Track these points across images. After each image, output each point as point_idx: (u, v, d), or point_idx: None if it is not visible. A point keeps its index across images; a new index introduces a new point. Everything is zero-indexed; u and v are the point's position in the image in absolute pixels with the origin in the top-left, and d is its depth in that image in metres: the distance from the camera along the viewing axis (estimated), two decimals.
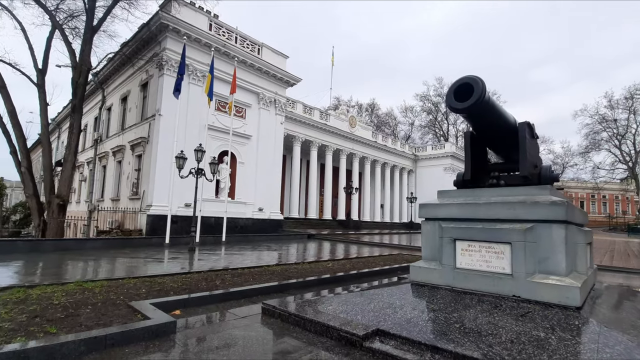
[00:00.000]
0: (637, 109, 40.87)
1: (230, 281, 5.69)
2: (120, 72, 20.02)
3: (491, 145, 4.78)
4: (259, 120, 19.43)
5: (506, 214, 3.78)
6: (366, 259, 9.59)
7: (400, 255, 10.94)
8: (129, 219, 16.31)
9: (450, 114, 51.53)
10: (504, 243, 3.72)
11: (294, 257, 10.47)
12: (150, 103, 16.55)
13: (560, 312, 3.22)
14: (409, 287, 4.30)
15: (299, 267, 7.54)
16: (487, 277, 3.78)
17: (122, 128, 19.44)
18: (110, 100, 21.60)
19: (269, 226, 19.04)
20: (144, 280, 5.49)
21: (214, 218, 16.41)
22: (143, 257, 9.37)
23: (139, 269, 7.38)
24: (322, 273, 6.87)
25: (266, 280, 5.92)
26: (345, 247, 14.14)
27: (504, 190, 4.08)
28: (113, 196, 19.14)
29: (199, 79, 16.67)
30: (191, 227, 11.43)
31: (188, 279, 5.70)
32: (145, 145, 16.24)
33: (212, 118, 17.04)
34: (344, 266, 8.03)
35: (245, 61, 18.48)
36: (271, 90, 20.06)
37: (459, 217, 4.12)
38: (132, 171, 17.41)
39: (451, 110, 3.88)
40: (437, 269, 4.19)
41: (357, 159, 31.37)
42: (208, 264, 8.39)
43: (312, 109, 27.45)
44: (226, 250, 11.84)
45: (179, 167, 11.13)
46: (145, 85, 17.47)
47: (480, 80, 3.62)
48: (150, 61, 16.66)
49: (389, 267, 7.89)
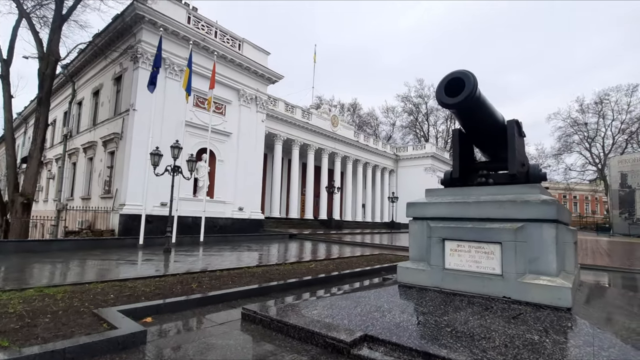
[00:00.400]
0: (606, 114, 42.95)
1: (207, 284, 5.37)
2: (92, 64, 19.05)
3: (479, 143, 4.71)
4: (240, 118, 18.96)
5: (496, 213, 3.68)
6: (349, 260, 9.44)
7: (383, 255, 10.86)
8: (101, 218, 15.52)
9: (430, 115, 52.51)
10: (494, 243, 3.62)
11: (275, 257, 10.19)
12: (124, 97, 15.81)
13: (552, 314, 3.14)
14: (396, 289, 4.15)
15: (281, 269, 7.29)
16: (477, 278, 3.67)
17: (93, 123, 18.51)
18: (81, 94, 20.54)
19: (250, 226, 18.62)
20: (113, 285, 5.10)
21: (192, 218, 15.86)
22: (114, 259, 8.84)
23: (108, 272, 6.92)
24: (304, 274, 6.64)
25: (246, 282, 5.64)
26: (328, 247, 13.96)
27: (493, 189, 3.98)
28: (84, 195, 18.20)
29: (176, 74, 16.06)
30: (167, 227, 10.94)
31: (162, 283, 5.34)
32: (119, 142, 15.50)
33: (190, 114, 16.47)
34: (327, 267, 7.83)
35: (226, 56, 17.98)
36: (252, 87, 19.63)
37: (448, 216, 4.00)
38: (104, 168, 16.59)
39: (441, 105, 3.75)
40: (426, 270, 4.05)
41: (339, 159, 31.31)
42: (184, 265, 8.00)
43: (294, 108, 27.15)
44: (204, 251, 11.40)
45: (154, 164, 10.62)
46: (118, 78, 16.67)
47: (471, 75, 3.50)
48: (125, 54, 15.91)
49: (373, 267, 7.75)
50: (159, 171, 10.78)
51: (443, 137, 51.73)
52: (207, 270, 6.61)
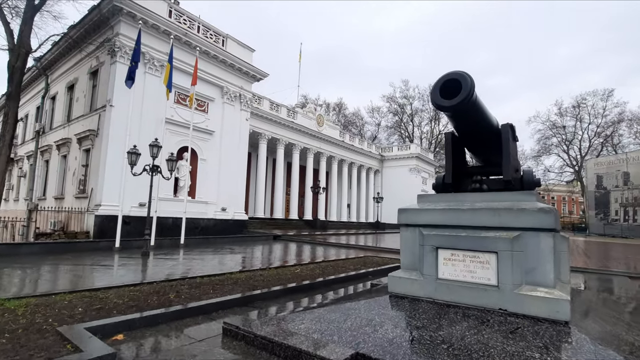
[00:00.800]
0: (583, 117, 44.41)
1: (186, 294, 5.04)
2: (66, 57, 18.14)
3: (471, 147, 4.57)
4: (223, 116, 18.48)
5: (491, 221, 3.54)
6: (335, 263, 9.23)
7: (369, 258, 10.71)
8: (75, 219, 14.79)
9: (415, 116, 53.00)
10: (489, 252, 3.47)
11: (259, 261, 9.88)
12: (100, 93, 15.10)
13: (550, 328, 3.00)
14: (387, 300, 3.96)
15: (265, 274, 7.01)
16: (472, 288, 3.51)
17: (68, 119, 17.64)
18: (54, 88, 19.57)
19: (233, 227, 18.18)
20: (83, 296, 4.71)
21: (172, 219, 15.32)
22: (88, 264, 8.35)
23: (79, 280, 6.47)
24: (290, 281, 6.39)
25: (228, 291, 5.34)
26: (313, 250, 13.73)
27: (488, 196, 3.84)
28: (57, 194, 17.33)
29: (156, 69, 15.46)
30: (145, 229, 10.46)
31: (137, 293, 4.98)
32: (94, 139, 14.79)
33: (171, 111, 15.92)
34: (313, 272, 7.59)
35: (209, 52, 17.46)
36: (236, 84, 19.17)
37: (442, 223, 3.83)
38: (78, 167, 15.82)
39: (436, 107, 3.56)
40: (418, 280, 3.87)
41: (325, 158, 31.11)
42: (163, 271, 7.60)
43: (279, 106, 26.76)
44: (185, 254, 10.97)
45: (131, 163, 10.11)
46: (95, 73, 15.92)
47: (468, 77, 3.33)
48: (102, 47, 15.20)
49: (358, 272, 7.56)
50: (136, 171, 10.28)
51: (427, 138, 52.41)
52: (186, 278, 6.26)
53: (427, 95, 51.75)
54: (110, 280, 6.31)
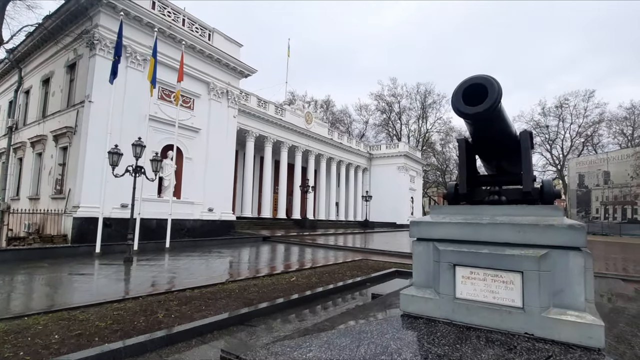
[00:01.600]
0: (566, 117, 45.51)
1: (177, 312, 4.62)
2: (41, 50, 17.09)
3: (483, 154, 4.31)
4: (209, 113, 17.84)
5: (515, 237, 3.27)
6: (331, 269, 8.92)
7: (364, 262, 10.46)
8: (51, 222, 13.96)
9: (403, 114, 53.16)
10: (513, 272, 3.21)
11: (252, 267, 9.48)
12: (78, 87, 14.25)
13: (584, 356, 2.76)
14: (400, 320, 3.66)
15: (260, 284, 6.62)
16: (494, 310, 3.25)
17: (43, 115, 16.65)
18: (29, 82, 18.46)
19: (220, 228, 17.63)
20: (60, 318, 4.23)
21: (156, 220, 14.69)
22: (65, 273, 7.76)
23: (56, 295, 5.93)
24: (287, 292, 6.04)
25: (222, 307, 4.95)
26: (304, 253, 13.39)
27: (508, 209, 3.57)
28: (31, 194, 16.38)
29: (138, 63, 14.71)
30: (128, 232, 9.88)
31: (121, 312, 4.53)
32: (72, 136, 13.96)
33: (155, 108, 15.21)
34: (309, 280, 7.26)
35: (194, 46, 16.77)
36: (223, 80, 18.53)
37: (459, 238, 3.55)
38: (55, 166, 14.94)
39: (458, 114, 3.25)
40: (433, 299, 3.58)
41: (313, 156, 30.74)
42: (148, 281, 7.12)
43: (267, 103, 26.20)
44: (171, 259, 10.45)
45: (112, 164, 9.49)
46: (72, 66, 15.03)
47: (495, 82, 3.03)
48: (79, 39, 14.34)
49: (357, 280, 7.26)
50: (118, 172, 9.67)
51: (415, 136, 52.71)
52: (174, 291, 5.81)
53: (415, 94, 52.09)
54: (90, 294, 5.80)
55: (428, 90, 51.40)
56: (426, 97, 51.15)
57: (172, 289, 6.02)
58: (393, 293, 5.83)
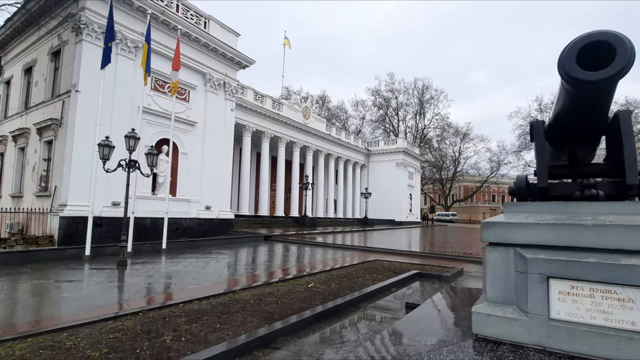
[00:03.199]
0: None
1: (187, 332, 3.81)
2: (23, 35, 15.89)
3: (559, 139, 3.58)
4: (206, 105, 16.89)
5: (634, 243, 2.56)
6: (347, 271, 8.17)
7: (379, 263, 9.74)
8: (36, 221, 12.93)
9: (400, 110, 52.55)
10: (633, 287, 2.50)
11: (259, 270, 8.67)
12: (64, 76, 13.18)
13: None
14: (476, 347, 2.92)
15: (275, 292, 5.84)
16: (607, 336, 2.53)
17: (25, 107, 15.51)
18: (9, 71, 17.23)
19: (218, 227, 16.75)
20: (42, 344, 3.39)
21: (151, 219, 13.79)
22: (51, 281, 6.86)
23: (39, 309, 5.06)
24: (309, 301, 5.27)
25: (240, 323, 4.16)
26: (311, 253, 12.61)
27: (614, 206, 2.85)
28: (14, 192, 15.26)
29: (129, 51, 13.69)
30: (121, 232, 8.98)
31: (118, 334, 3.70)
32: (58, 129, 12.91)
33: (148, 99, 14.23)
34: (328, 285, 6.50)
35: (189, 34, 15.78)
36: (220, 71, 17.57)
37: (553, 244, 2.81)
38: (39, 161, 13.86)
39: (570, 81, 2.48)
40: (519, 320, 2.85)
41: (311, 152, 29.91)
42: (146, 289, 6.28)
43: (264, 97, 25.25)
44: (169, 261, 9.58)
45: (103, 158, 8.56)
46: (57, 53, 13.92)
47: (627, 39, 2.30)
48: (65, 23, 13.23)
49: (380, 284, 6.53)
50: (110, 166, 8.74)
51: (412, 132, 52.17)
52: (180, 302, 4.98)
53: (412, 89, 51.47)
54: (80, 307, 4.94)
55: (426, 86, 50.91)
56: (424, 92, 50.66)
57: (176, 299, 5.20)
58: (432, 303, 5.11)
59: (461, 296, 5.76)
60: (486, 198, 70.94)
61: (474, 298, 5.54)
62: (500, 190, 72.92)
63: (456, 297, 5.64)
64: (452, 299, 5.61)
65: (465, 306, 4.67)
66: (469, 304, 4.91)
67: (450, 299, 5.59)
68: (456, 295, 5.87)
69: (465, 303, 5.17)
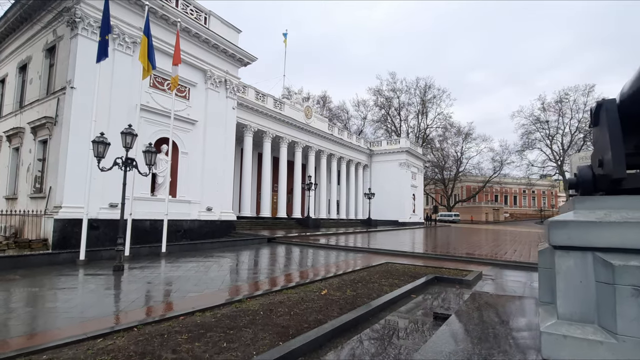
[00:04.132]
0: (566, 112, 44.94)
1: (189, 353, 3.25)
2: (17, 32, 15.37)
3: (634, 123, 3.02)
4: (207, 103, 16.34)
5: None
6: (359, 276, 7.60)
7: (391, 266, 9.17)
8: (31, 224, 12.36)
9: (402, 110, 52.03)
10: None
11: (266, 275, 8.09)
12: (59, 73, 12.64)
13: None
14: None
15: (286, 300, 5.27)
16: None
17: (20, 105, 14.97)
18: (4, 69, 16.72)
19: (220, 229, 16.18)
20: None
21: (150, 221, 13.23)
22: (40, 288, 6.29)
23: (23, 321, 4.48)
24: (324, 311, 4.71)
25: (250, 340, 3.60)
26: (318, 256, 12.04)
27: None
28: (8, 194, 14.70)
29: (127, 46, 13.15)
30: (118, 235, 8.42)
31: (107, 356, 3.13)
32: (52, 128, 12.36)
33: (147, 97, 13.71)
34: (342, 292, 5.93)
35: (189, 30, 15.25)
36: (221, 68, 17.03)
37: None
38: (34, 161, 13.30)
39: None
40: (605, 342, 2.27)
41: (313, 153, 29.36)
42: (143, 297, 5.71)
43: (265, 96, 24.73)
44: (168, 266, 9.01)
45: (98, 156, 8.00)
46: (52, 49, 13.40)
47: None
48: (60, 18, 12.71)
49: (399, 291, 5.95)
50: (105, 165, 8.18)
51: (414, 132, 51.61)
52: (180, 315, 4.41)
53: (414, 89, 51.01)
54: (67, 319, 4.38)
55: (428, 85, 50.41)
56: (426, 91, 50.16)
57: (176, 311, 4.63)
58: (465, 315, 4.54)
59: (493, 305, 5.19)
60: (489, 198, 70.30)
61: (508, 308, 4.97)
62: (502, 190, 72.33)
63: (489, 307, 5.06)
64: (484, 308, 5.04)
65: (505, 318, 4.11)
66: (507, 315, 4.33)
67: (483, 308, 5.02)
68: (487, 304, 5.29)
69: (502, 314, 4.60)
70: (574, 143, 46.30)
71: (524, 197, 73.56)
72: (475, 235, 24.78)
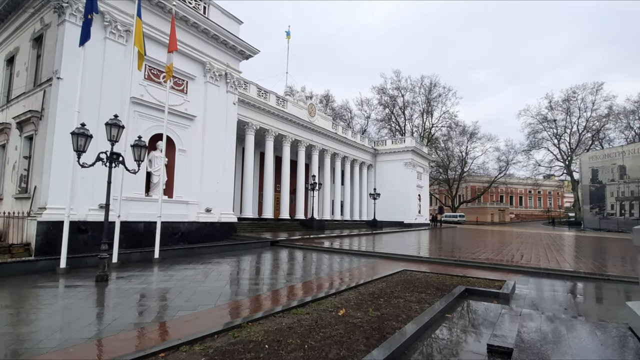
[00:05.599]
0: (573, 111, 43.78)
1: None
2: (5, 23, 14.44)
3: None
4: (206, 98, 15.37)
5: None
6: (377, 288, 6.59)
7: (410, 274, 8.17)
8: (15, 227, 11.41)
9: (406, 109, 50.96)
10: None
11: (270, 287, 7.09)
12: (46, 63, 11.69)
13: None
14: None
15: (296, 324, 4.27)
16: None
17: (7, 100, 14.02)
18: None
19: (220, 231, 15.18)
20: None
21: (144, 223, 12.25)
22: (5, 303, 5.30)
23: None
24: (346, 342, 3.71)
25: None
26: (326, 261, 11.01)
27: None
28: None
29: (120, 35, 12.19)
30: (102, 240, 7.45)
31: None
32: (38, 123, 11.41)
33: (141, 89, 12.76)
34: (363, 311, 4.92)
35: (187, 19, 14.29)
36: (221, 60, 16.06)
37: None
38: (19, 159, 12.35)
39: None
40: None
41: (317, 152, 28.35)
42: (123, 318, 4.71)
43: (268, 93, 23.77)
44: (160, 274, 8.02)
45: (78, 150, 7.02)
46: (39, 39, 12.44)
47: None
48: (47, 4, 11.76)
49: (432, 312, 4.94)
50: (86, 160, 7.20)
51: (419, 131, 50.51)
52: (161, 351, 3.40)
53: (419, 87, 49.95)
54: (15, 354, 3.39)
55: (433, 83, 49.33)
56: (431, 90, 49.08)
57: (156, 344, 3.63)
58: (534, 347, 3.54)
59: (558, 334, 4.17)
60: (494, 199, 69.10)
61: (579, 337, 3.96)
62: (508, 191, 71.10)
63: (553, 336, 4.05)
64: (549, 334, 4.03)
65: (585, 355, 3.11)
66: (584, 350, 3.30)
67: (547, 335, 4.01)
68: (551, 329, 4.28)
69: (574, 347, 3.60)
70: (582, 142, 45.15)
71: (530, 197, 72.40)
72: (487, 237, 23.71)
